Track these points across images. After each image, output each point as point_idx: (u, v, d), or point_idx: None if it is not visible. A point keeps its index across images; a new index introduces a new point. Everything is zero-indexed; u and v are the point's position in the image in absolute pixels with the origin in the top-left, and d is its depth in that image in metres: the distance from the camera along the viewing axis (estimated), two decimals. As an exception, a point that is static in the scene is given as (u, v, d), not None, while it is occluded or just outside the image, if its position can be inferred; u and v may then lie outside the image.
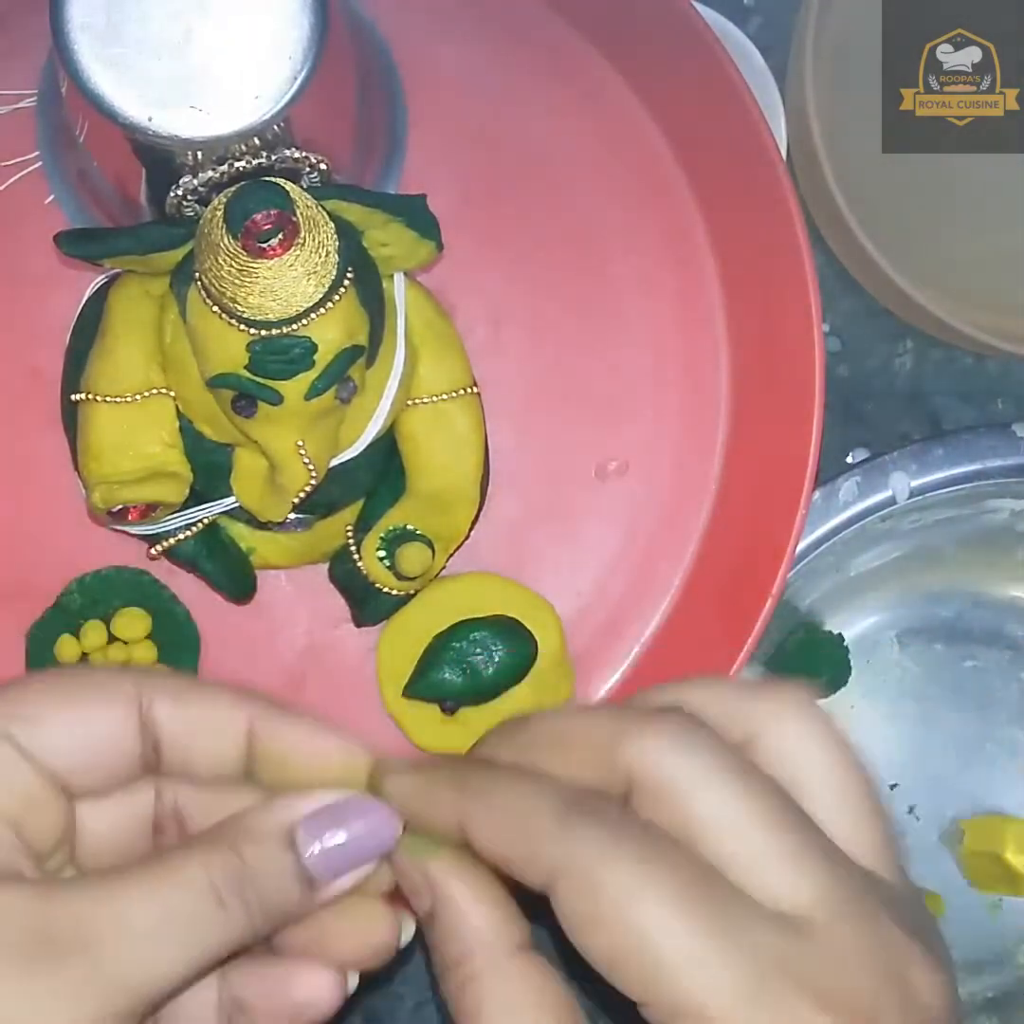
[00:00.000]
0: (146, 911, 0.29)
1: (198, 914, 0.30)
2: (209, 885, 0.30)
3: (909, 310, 0.55)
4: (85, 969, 0.28)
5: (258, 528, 0.48)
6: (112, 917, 0.29)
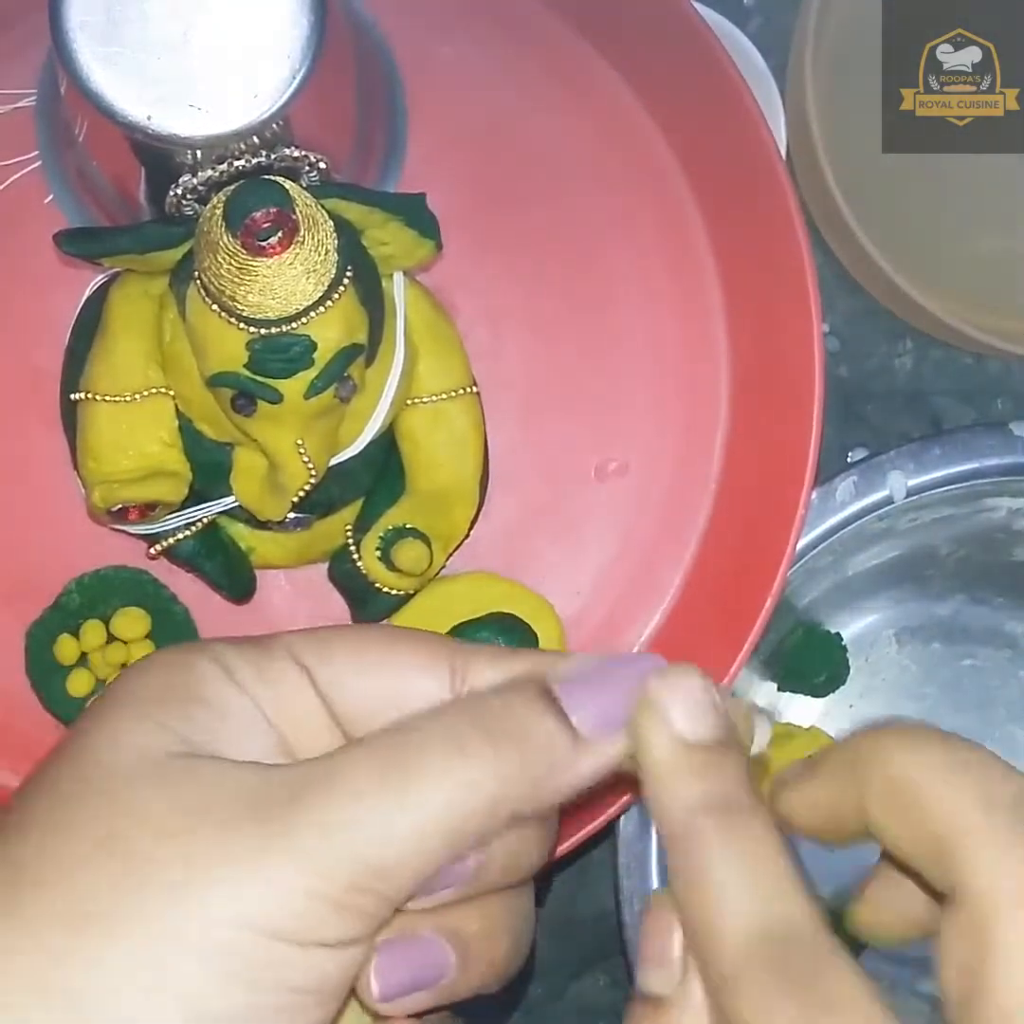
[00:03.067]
0: (374, 770, 0.26)
1: (437, 766, 0.26)
2: (450, 730, 0.27)
3: (909, 310, 0.55)
4: (318, 834, 0.25)
5: (258, 527, 0.48)
6: (340, 779, 0.26)
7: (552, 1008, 0.56)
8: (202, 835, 0.25)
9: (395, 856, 0.26)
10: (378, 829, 0.26)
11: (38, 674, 0.48)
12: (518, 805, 0.27)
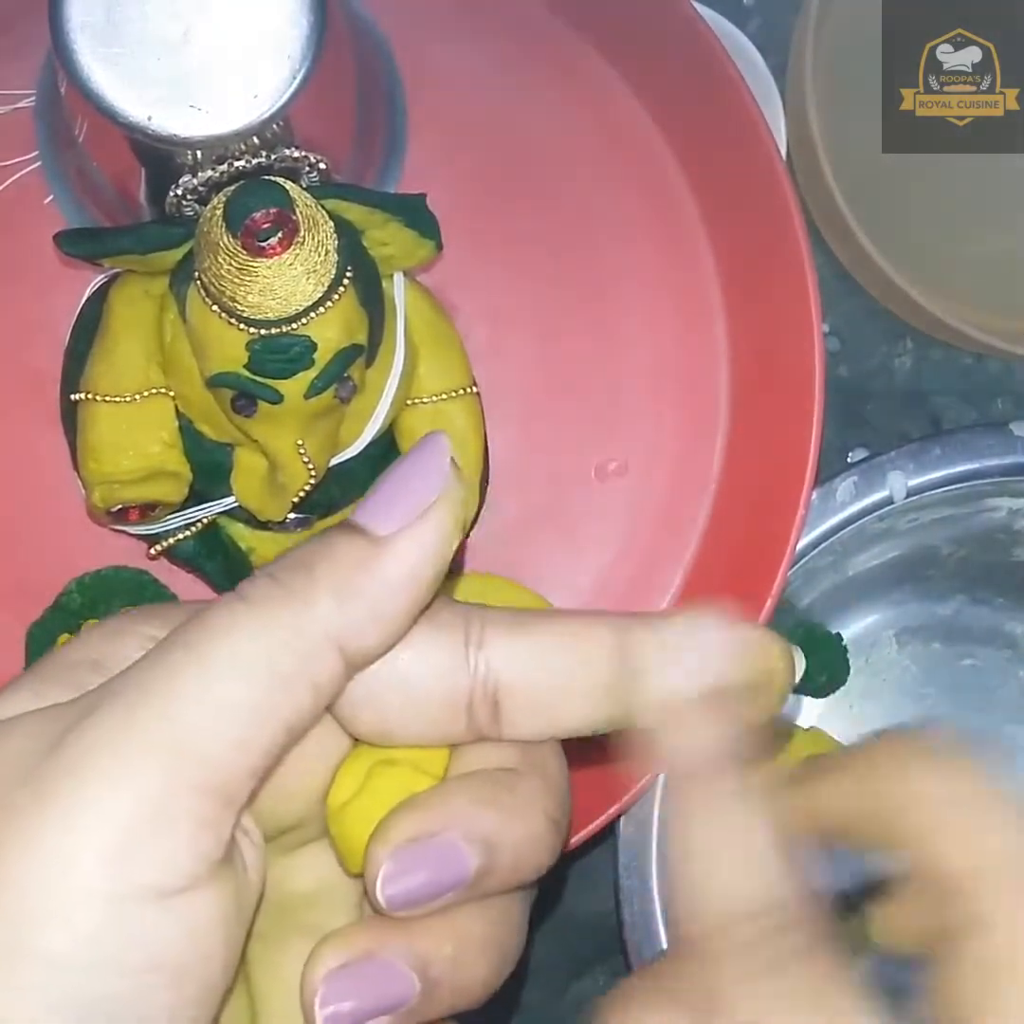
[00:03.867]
0: (162, 652, 0.23)
1: (223, 617, 0.23)
2: (240, 588, 0.24)
3: (909, 310, 0.55)
4: (150, 725, 0.22)
5: (258, 528, 0.48)
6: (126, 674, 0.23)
7: (552, 1008, 0.56)
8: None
9: (215, 739, 0.22)
10: (186, 714, 0.22)
11: (38, 674, 0.48)
12: (335, 634, 0.24)
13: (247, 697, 0.23)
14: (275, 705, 0.23)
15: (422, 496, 0.25)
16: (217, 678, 0.23)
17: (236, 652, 0.23)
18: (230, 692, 0.23)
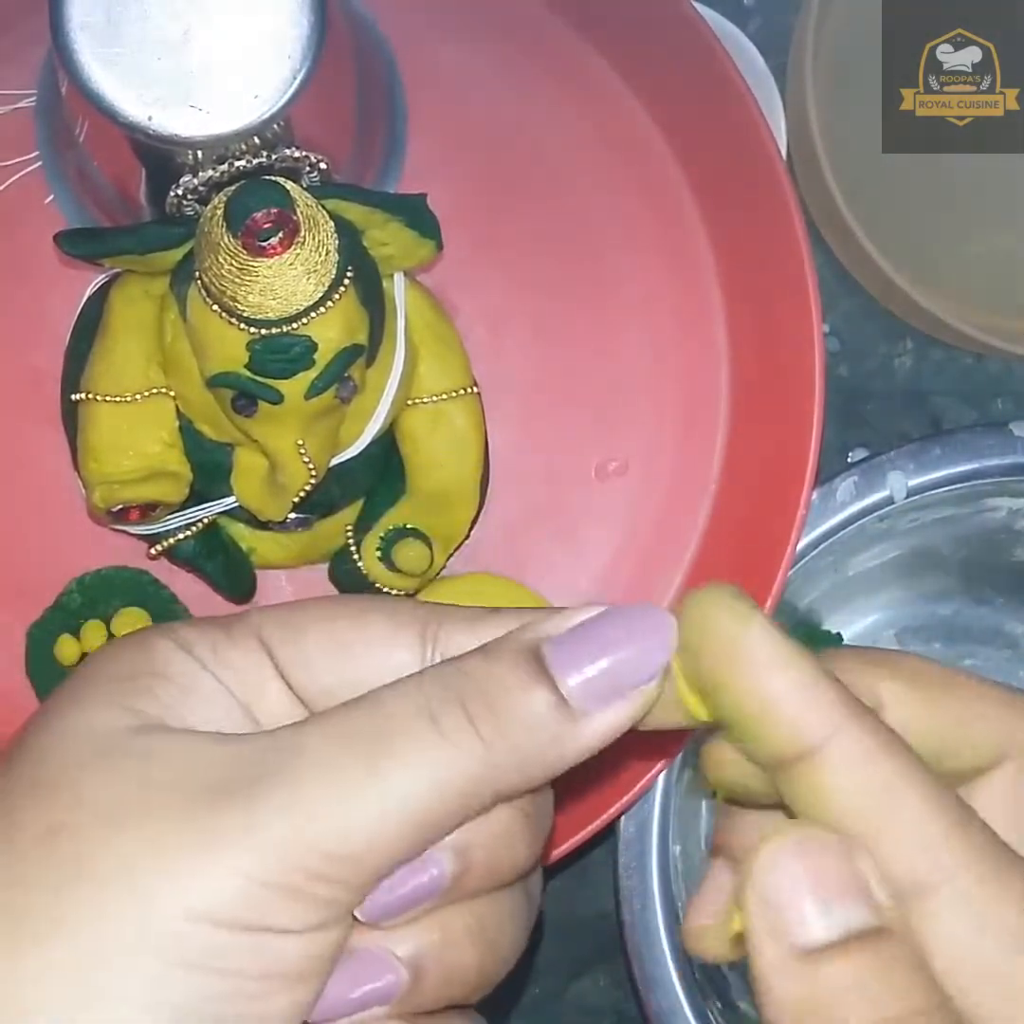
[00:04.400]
0: (339, 751, 0.24)
1: (407, 748, 0.24)
2: (422, 706, 0.24)
3: (909, 310, 0.55)
4: (272, 821, 0.24)
5: (258, 528, 0.48)
6: (301, 760, 0.24)
7: (552, 1008, 0.56)
8: (151, 825, 0.24)
9: (356, 845, 0.24)
10: (338, 818, 0.24)
11: (38, 674, 0.48)
12: (501, 789, 0.25)
13: (406, 825, 0.24)
14: (424, 834, 0.25)
15: (631, 682, 0.25)
16: (388, 797, 0.24)
17: (415, 781, 0.24)
18: (395, 816, 0.24)
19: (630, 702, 0.25)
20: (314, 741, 0.25)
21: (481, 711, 0.24)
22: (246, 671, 0.28)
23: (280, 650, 0.28)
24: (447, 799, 0.24)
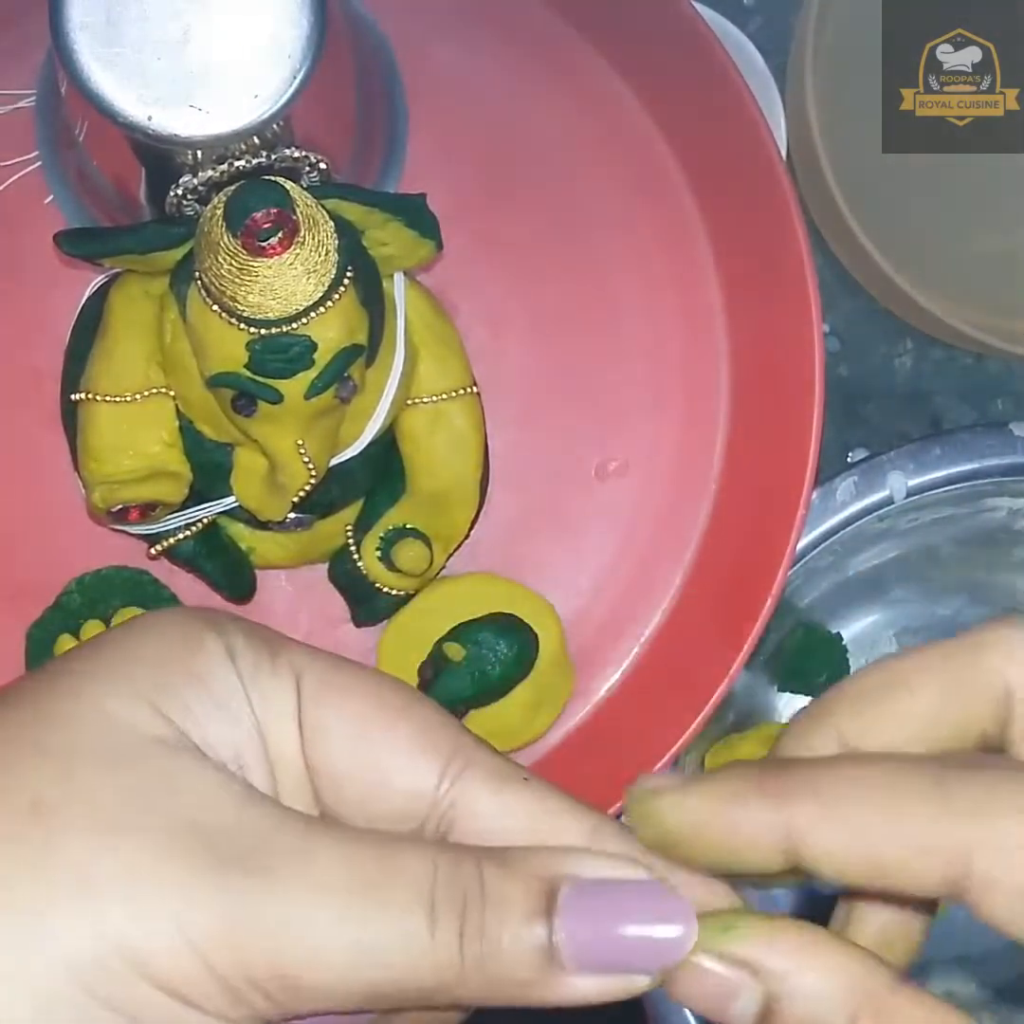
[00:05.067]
0: (342, 884, 0.23)
1: (403, 919, 0.23)
2: (427, 888, 0.23)
3: (909, 310, 0.55)
4: (251, 916, 0.22)
5: (258, 528, 0.48)
6: (306, 861, 0.23)
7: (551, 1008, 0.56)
8: (131, 854, 0.23)
9: (316, 978, 0.23)
10: (313, 946, 0.23)
11: (38, 674, 0.48)
12: (461, 999, 0.24)
13: (358, 988, 0.23)
14: (366, 1002, 0.24)
15: (640, 963, 0.23)
16: (362, 963, 0.23)
17: (392, 956, 0.23)
18: (359, 977, 0.23)
19: (626, 982, 0.24)
20: (323, 860, 0.24)
21: (474, 932, 0.23)
22: (273, 704, 0.26)
23: (310, 706, 0.26)
24: (410, 984, 0.23)
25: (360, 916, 0.23)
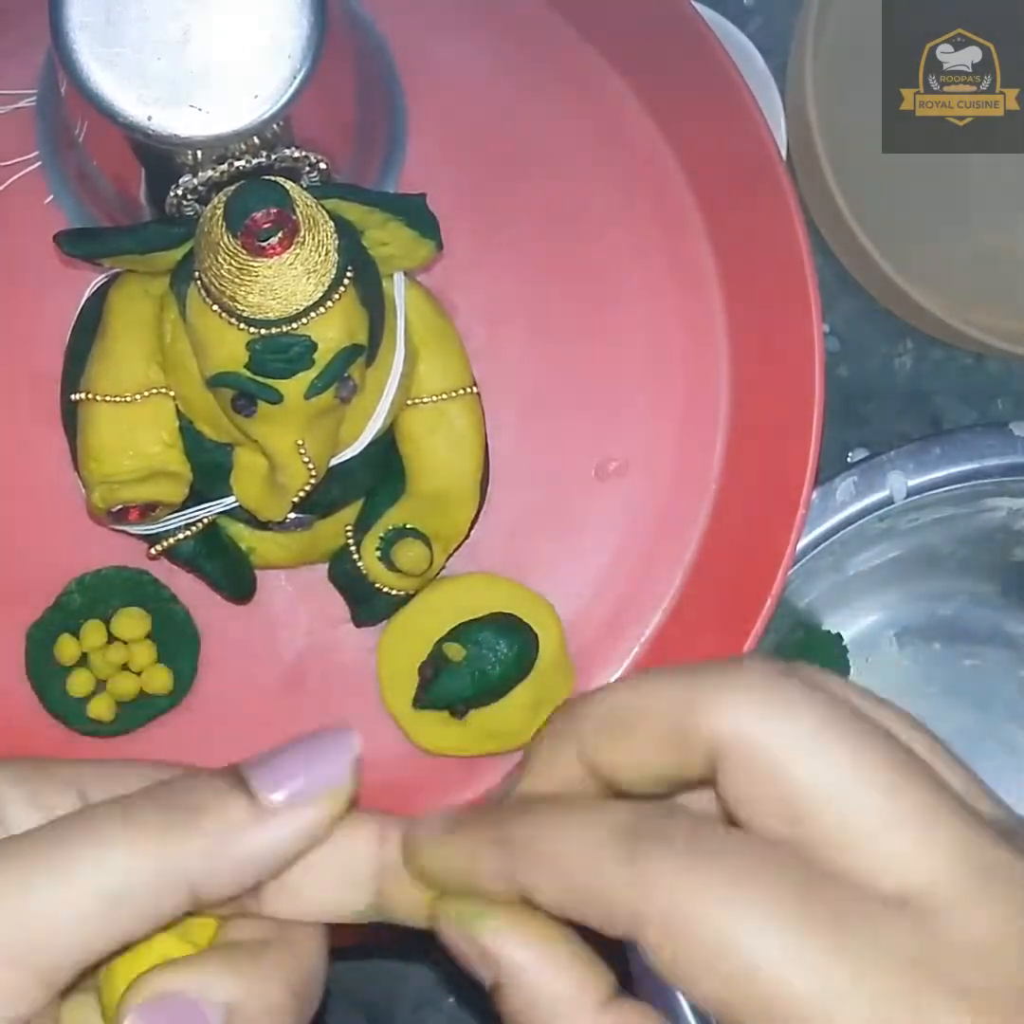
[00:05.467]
0: (44, 846, 0.26)
1: (101, 833, 0.26)
2: (125, 806, 0.26)
3: (909, 310, 0.55)
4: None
5: (258, 528, 0.48)
6: (13, 852, 0.26)
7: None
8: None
9: (38, 932, 0.25)
10: (35, 905, 0.25)
11: (38, 674, 0.48)
12: (193, 878, 0.26)
13: (93, 911, 0.25)
14: (116, 923, 0.26)
15: (318, 782, 0.27)
16: (74, 885, 0.25)
17: (100, 867, 0.25)
18: (81, 901, 0.25)
19: (316, 802, 0.27)
20: (30, 838, 0.26)
21: (172, 806, 0.26)
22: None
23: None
24: (136, 886, 0.26)
25: (59, 864, 0.26)
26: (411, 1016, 0.55)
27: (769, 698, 0.26)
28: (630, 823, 0.26)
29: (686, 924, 0.25)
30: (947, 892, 0.26)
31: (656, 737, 0.27)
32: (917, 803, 0.26)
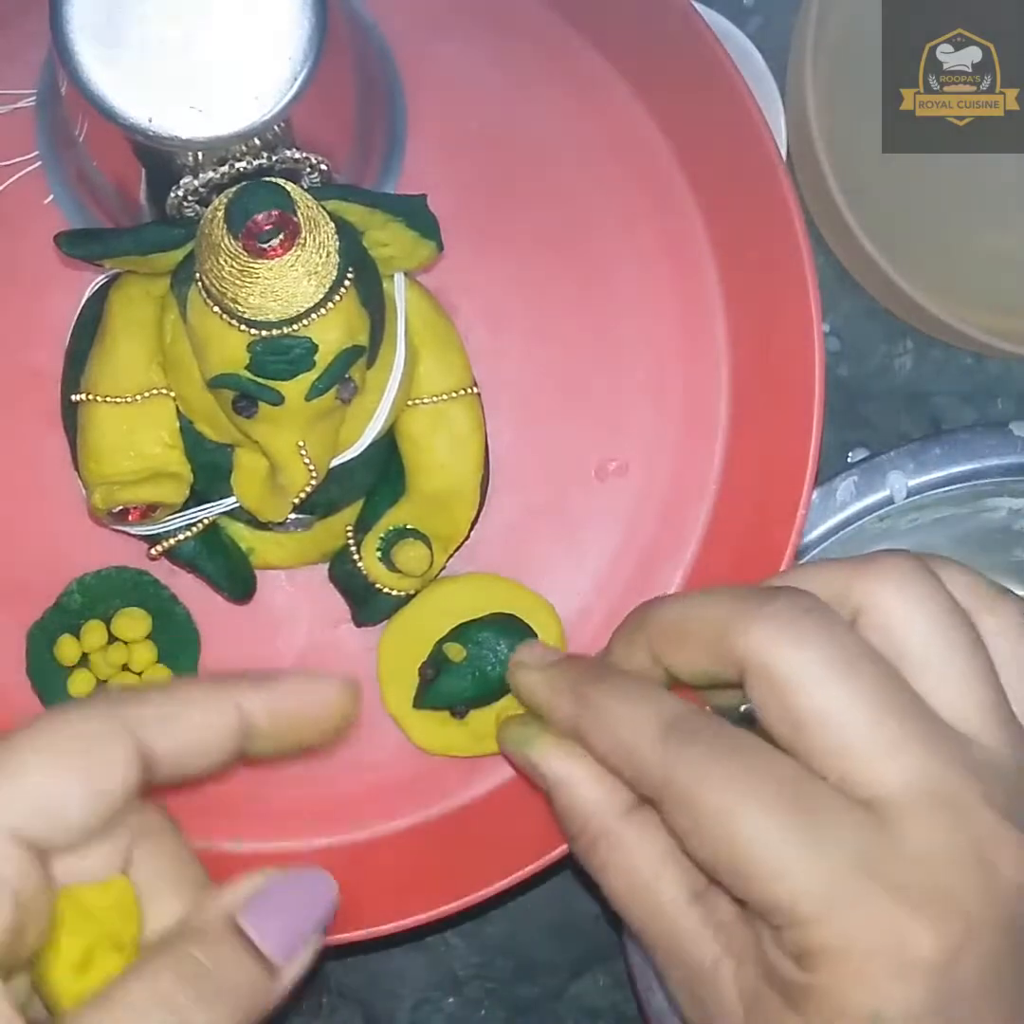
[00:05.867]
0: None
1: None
2: (160, 995, 0.29)
3: (909, 310, 0.55)
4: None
5: (258, 528, 0.48)
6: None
7: (552, 1008, 0.56)
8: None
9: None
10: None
11: (39, 675, 0.48)
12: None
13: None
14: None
15: (314, 928, 0.32)
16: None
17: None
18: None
19: (310, 948, 0.32)
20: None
21: (212, 994, 0.30)
22: None
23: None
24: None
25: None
26: (411, 1016, 0.55)
27: (787, 632, 0.33)
28: (672, 715, 0.34)
29: (694, 798, 0.33)
30: (903, 805, 0.32)
31: (702, 647, 0.35)
32: (893, 729, 0.32)
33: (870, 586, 0.35)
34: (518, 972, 0.56)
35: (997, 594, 0.37)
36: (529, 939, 0.55)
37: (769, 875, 0.32)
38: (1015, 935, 0.32)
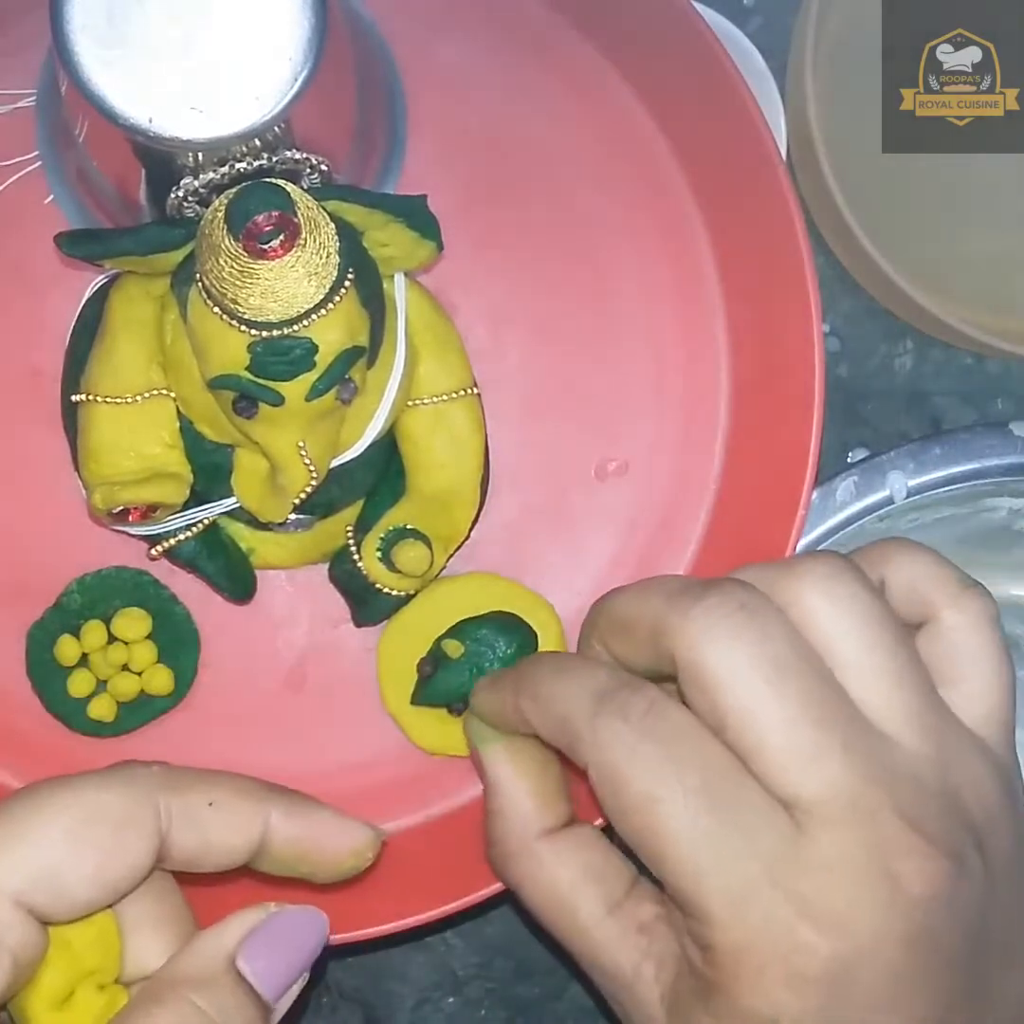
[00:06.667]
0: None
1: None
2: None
3: (909, 310, 0.55)
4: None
5: (258, 528, 0.48)
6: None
7: (552, 1008, 0.56)
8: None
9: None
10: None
11: (39, 675, 0.48)
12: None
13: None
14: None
15: (306, 965, 0.33)
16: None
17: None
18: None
19: (300, 984, 0.33)
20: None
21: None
22: None
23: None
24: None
25: None
26: (411, 1016, 0.55)
27: (716, 629, 0.33)
28: (603, 688, 0.35)
29: (620, 779, 0.33)
30: (817, 813, 0.32)
31: (642, 642, 0.35)
32: (814, 734, 0.32)
33: (794, 584, 0.35)
34: (518, 972, 0.55)
35: (964, 587, 0.38)
36: (529, 939, 0.55)
37: (685, 870, 0.32)
38: (918, 948, 0.32)
